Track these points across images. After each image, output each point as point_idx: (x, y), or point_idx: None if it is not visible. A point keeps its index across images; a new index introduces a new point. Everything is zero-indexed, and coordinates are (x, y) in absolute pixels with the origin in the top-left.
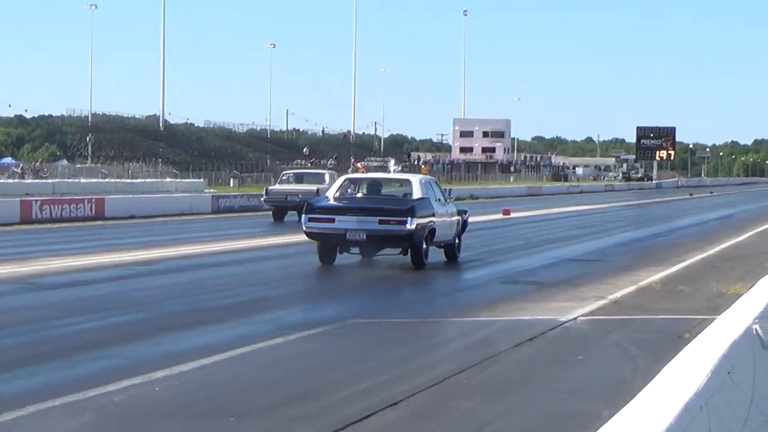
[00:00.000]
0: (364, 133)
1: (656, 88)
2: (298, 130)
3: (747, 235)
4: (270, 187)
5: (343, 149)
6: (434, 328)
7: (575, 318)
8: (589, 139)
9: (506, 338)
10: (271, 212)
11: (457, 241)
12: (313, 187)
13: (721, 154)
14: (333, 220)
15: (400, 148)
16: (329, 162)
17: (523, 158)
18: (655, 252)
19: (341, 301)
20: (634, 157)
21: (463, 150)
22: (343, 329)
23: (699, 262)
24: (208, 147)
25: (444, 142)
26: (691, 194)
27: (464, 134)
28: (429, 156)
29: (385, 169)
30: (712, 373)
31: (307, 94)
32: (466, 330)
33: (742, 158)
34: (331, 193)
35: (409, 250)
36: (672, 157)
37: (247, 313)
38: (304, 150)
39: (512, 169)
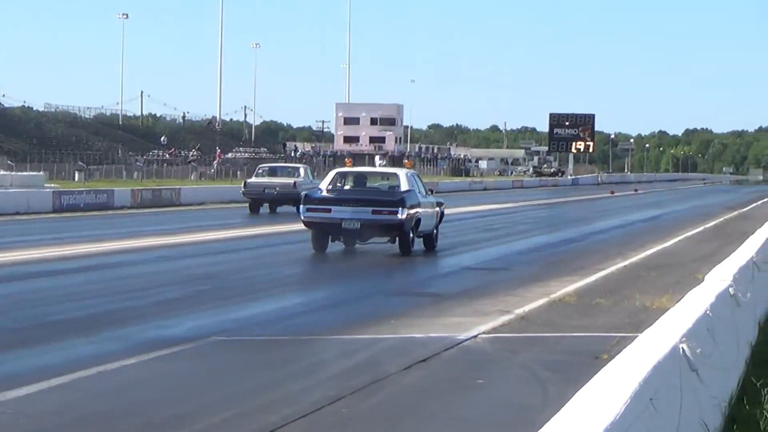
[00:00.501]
0: (232, 119)
1: (572, 70)
2: (155, 115)
3: (676, 239)
4: (248, 180)
5: (208, 138)
6: (309, 347)
7: (476, 336)
8: (495, 128)
9: (394, 359)
10: (247, 204)
11: (435, 231)
12: (290, 180)
13: (647, 145)
14: (329, 210)
15: (274, 136)
16: (191, 153)
17: (417, 149)
18: (570, 259)
19: (207, 314)
20: (546, 149)
21: (347, 140)
22: (204, 348)
23: (620, 271)
24: (49, 135)
25: (326, 130)
26: (613, 192)
27: (349, 121)
28: (308, 147)
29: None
30: (632, 399)
31: (166, 75)
32: (348, 349)
33: (672, 151)
34: (324, 186)
35: (397, 239)
36: (591, 149)
37: (93, 329)
38: (162, 139)
39: (405, 161)
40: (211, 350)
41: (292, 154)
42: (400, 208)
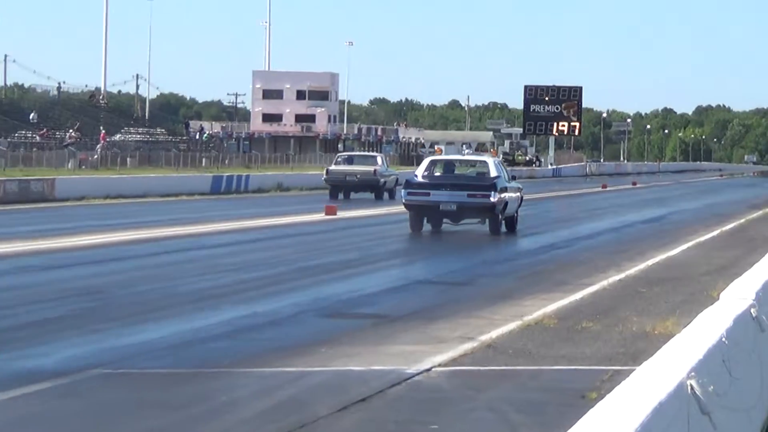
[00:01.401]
0: (120, 92)
1: (554, 31)
2: (22, 86)
3: (684, 246)
4: (330, 168)
5: (90, 116)
6: (219, 383)
7: (429, 369)
8: (455, 104)
9: (325, 398)
10: (327, 191)
11: (516, 214)
12: (370, 168)
13: (648, 127)
14: (428, 194)
15: (174, 113)
16: (69, 135)
17: (356, 131)
18: (550, 271)
19: (88, 339)
20: (520, 130)
21: (267, 118)
22: (83, 384)
23: (613, 286)
24: None
25: (240, 105)
26: (605, 186)
27: (269, 95)
28: (217, 127)
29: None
30: None
31: (37, 35)
32: (268, 386)
33: (680, 134)
34: (420, 172)
35: (487, 220)
36: (577, 132)
37: None
38: (31, 116)
39: (341, 146)
40: (91, 387)
41: (197, 137)
42: (493, 192)
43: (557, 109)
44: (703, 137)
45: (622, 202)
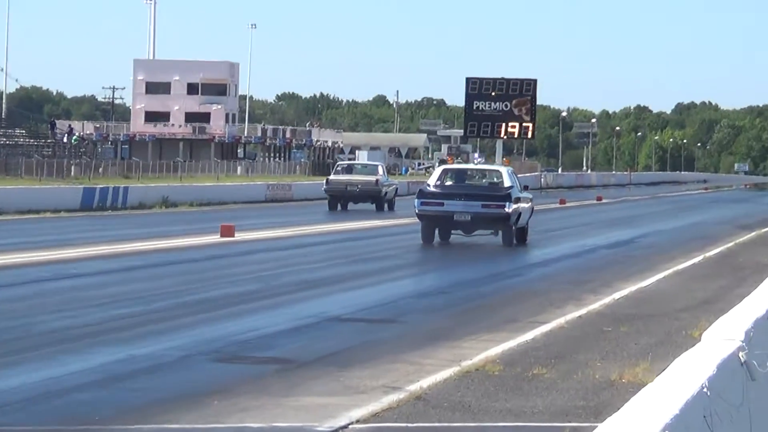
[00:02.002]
0: None
1: (504, 13)
2: None
3: (659, 276)
4: (330, 177)
5: None
6: None
7: (345, 426)
8: (381, 100)
9: None
10: (326, 201)
11: (526, 225)
12: (372, 178)
13: (618, 128)
14: (442, 204)
15: (37, 111)
16: None
17: (260, 133)
18: (495, 306)
19: None
20: (461, 132)
21: (151, 117)
22: None
23: (573, 324)
24: None
25: (118, 101)
26: (563, 201)
27: (154, 88)
28: (91, 128)
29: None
30: None
31: None
32: None
33: (656, 136)
34: (432, 181)
35: (500, 231)
36: (530, 134)
37: None
38: None
39: (241, 152)
40: None
41: (65, 139)
42: (508, 203)
43: (506, 106)
44: (685, 141)
45: (584, 222)
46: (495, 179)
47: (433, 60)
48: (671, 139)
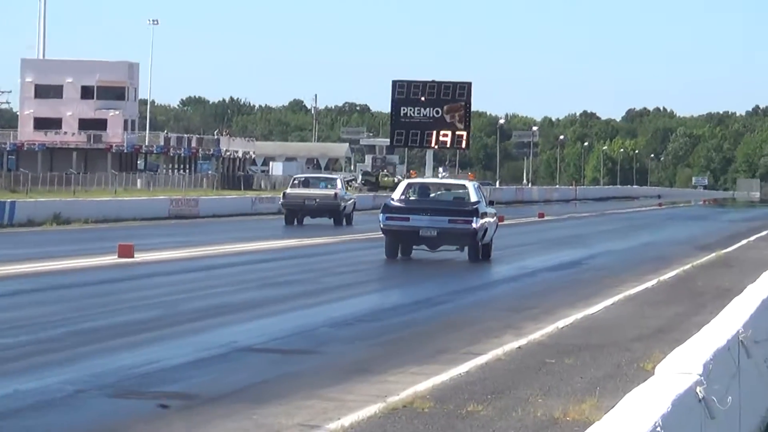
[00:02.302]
0: None
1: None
2: None
3: (608, 301)
4: (287, 191)
5: None
6: None
7: None
8: (297, 105)
9: None
10: (283, 216)
11: (491, 240)
12: (330, 192)
13: (562, 137)
14: (408, 219)
15: None
16: None
17: (163, 142)
18: (425, 335)
19: None
20: (387, 141)
21: (42, 124)
22: None
23: (511, 355)
24: None
25: (4, 106)
26: (502, 219)
27: (44, 92)
28: None
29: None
30: None
31: None
32: None
33: (605, 147)
34: (397, 195)
35: (467, 248)
36: (464, 144)
37: None
38: None
39: (142, 163)
40: None
41: None
42: (475, 218)
43: (437, 112)
44: (636, 152)
45: (524, 241)
46: (461, 194)
47: (356, 61)
48: (621, 150)
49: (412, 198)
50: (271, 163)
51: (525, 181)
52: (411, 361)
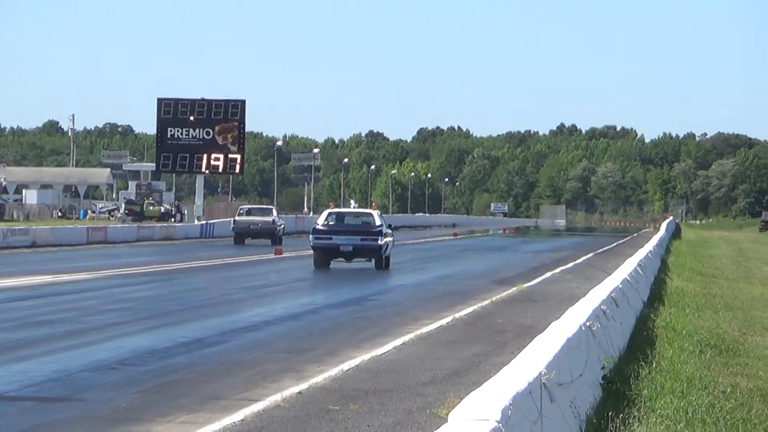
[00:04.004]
0: None
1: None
2: None
3: (397, 342)
4: (236, 218)
5: None
6: None
7: None
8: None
9: None
10: (232, 238)
11: (389, 255)
12: (269, 218)
13: (346, 160)
14: (330, 238)
15: None
16: None
17: None
18: (195, 380)
19: None
20: (153, 166)
21: None
22: None
23: (290, 402)
24: None
25: None
26: (280, 252)
27: None
28: None
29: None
30: None
31: None
32: None
33: (393, 170)
34: (321, 221)
35: (374, 259)
36: (238, 168)
37: None
38: None
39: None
40: None
41: None
42: (379, 237)
43: (208, 134)
44: (429, 176)
45: (304, 276)
46: (368, 219)
47: (117, 76)
48: (412, 173)
49: (332, 223)
50: (24, 191)
51: (306, 209)
52: (179, 408)
